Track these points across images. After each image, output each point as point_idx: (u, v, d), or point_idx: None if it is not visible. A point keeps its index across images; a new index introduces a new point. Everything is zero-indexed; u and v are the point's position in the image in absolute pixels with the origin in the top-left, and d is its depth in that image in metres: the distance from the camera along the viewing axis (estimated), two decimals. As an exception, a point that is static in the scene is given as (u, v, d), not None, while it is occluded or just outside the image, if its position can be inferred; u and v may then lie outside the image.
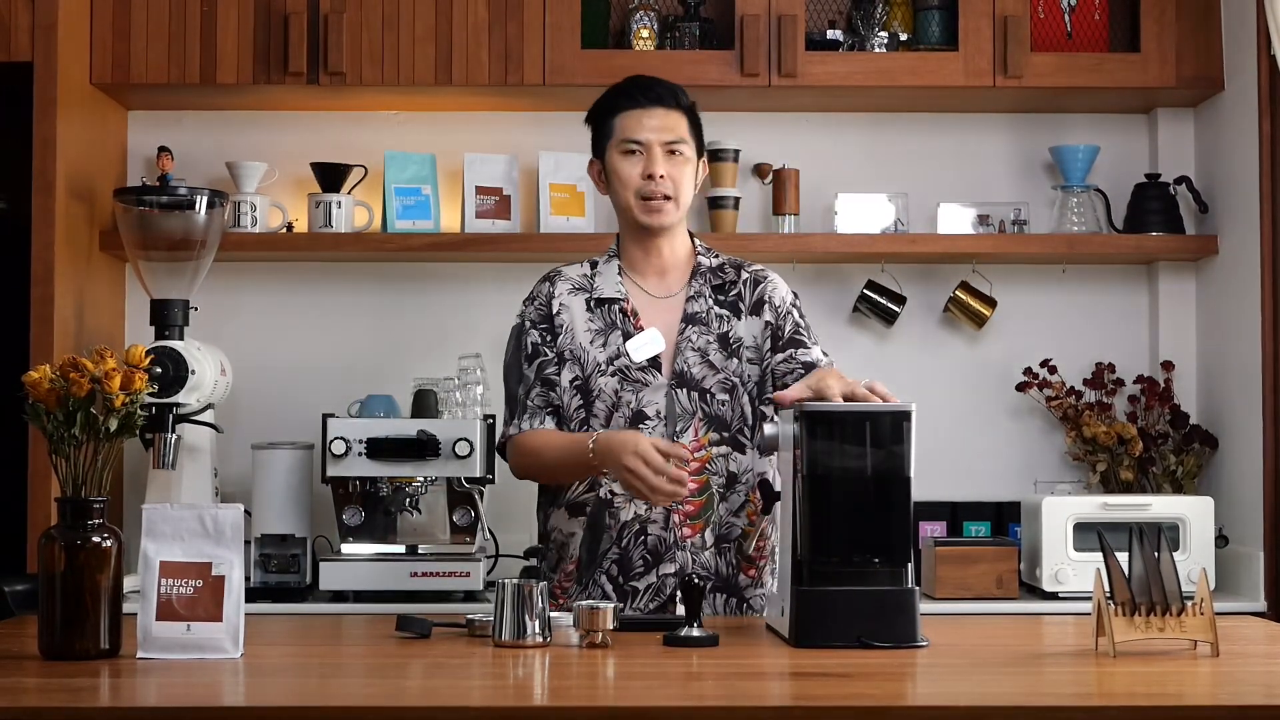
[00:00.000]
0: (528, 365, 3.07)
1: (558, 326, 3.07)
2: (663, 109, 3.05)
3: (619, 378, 3.00)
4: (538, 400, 3.04)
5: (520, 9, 3.96)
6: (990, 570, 3.73)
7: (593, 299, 3.08)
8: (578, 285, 3.11)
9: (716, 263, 3.14)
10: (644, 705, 2.15)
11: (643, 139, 3.04)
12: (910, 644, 2.51)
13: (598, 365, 3.02)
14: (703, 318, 3.06)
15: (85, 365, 2.42)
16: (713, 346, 3.03)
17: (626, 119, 3.07)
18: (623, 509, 2.98)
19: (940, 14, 4.07)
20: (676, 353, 3.02)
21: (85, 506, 2.42)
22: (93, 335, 3.92)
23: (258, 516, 3.83)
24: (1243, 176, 3.92)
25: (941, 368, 4.25)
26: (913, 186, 4.21)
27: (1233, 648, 2.52)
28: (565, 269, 3.15)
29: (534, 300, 3.13)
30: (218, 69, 3.96)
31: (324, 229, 4.06)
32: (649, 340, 3.03)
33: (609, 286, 3.08)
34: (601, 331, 3.05)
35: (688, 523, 2.97)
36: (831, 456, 2.57)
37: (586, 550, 3.01)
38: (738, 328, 3.06)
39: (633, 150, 3.05)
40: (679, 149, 3.05)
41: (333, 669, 2.51)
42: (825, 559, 2.56)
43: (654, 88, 3.08)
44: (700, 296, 3.08)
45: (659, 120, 3.05)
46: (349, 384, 4.12)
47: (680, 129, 3.06)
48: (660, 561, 2.95)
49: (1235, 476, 3.98)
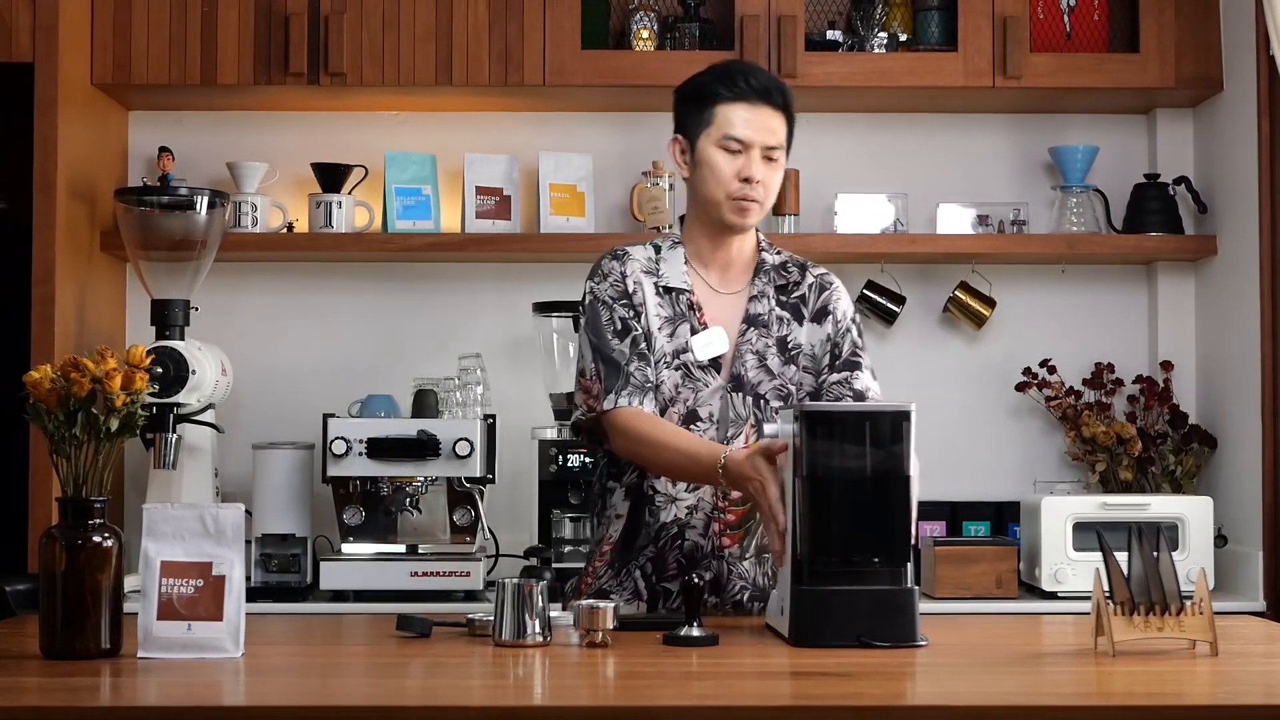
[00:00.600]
0: (619, 340, 2.90)
1: (638, 305, 2.92)
2: (769, 108, 2.88)
3: (682, 373, 2.90)
4: (638, 376, 2.88)
5: (520, 9, 3.96)
6: (990, 570, 3.73)
7: (661, 285, 2.94)
8: (646, 268, 2.96)
9: (779, 260, 3.01)
10: (644, 705, 2.15)
11: (745, 138, 2.87)
12: (910, 644, 2.52)
13: (664, 356, 2.91)
14: (764, 320, 2.94)
15: (86, 365, 2.42)
16: (771, 351, 2.93)
17: (731, 111, 2.87)
18: (663, 509, 2.90)
19: (940, 14, 4.08)
20: (736, 355, 2.92)
21: (86, 506, 2.42)
22: (93, 335, 3.93)
23: (258, 516, 3.83)
24: (1242, 177, 3.92)
25: (941, 368, 4.26)
26: (912, 186, 4.22)
27: (1232, 647, 2.52)
28: (630, 249, 2.99)
29: (607, 277, 2.95)
30: (218, 69, 3.96)
31: (324, 229, 4.07)
32: (714, 339, 2.92)
33: (675, 275, 2.95)
34: (670, 320, 2.92)
35: (727, 532, 2.90)
36: (831, 456, 2.57)
37: (623, 538, 2.94)
38: (798, 334, 2.95)
39: (733, 149, 2.88)
40: (776, 154, 2.89)
41: (333, 669, 2.51)
42: (825, 559, 2.56)
43: (764, 83, 2.89)
44: (763, 297, 2.96)
45: (764, 120, 2.88)
46: (349, 384, 4.12)
47: (781, 133, 2.90)
48: (694, 567, 2.88)
49: (1234, 476, 3.98)
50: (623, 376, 2.88)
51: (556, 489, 3.90)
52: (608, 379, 2.89)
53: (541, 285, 4.16)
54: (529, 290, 4.16)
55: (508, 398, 4.12)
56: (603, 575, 2.95)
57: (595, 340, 2.92)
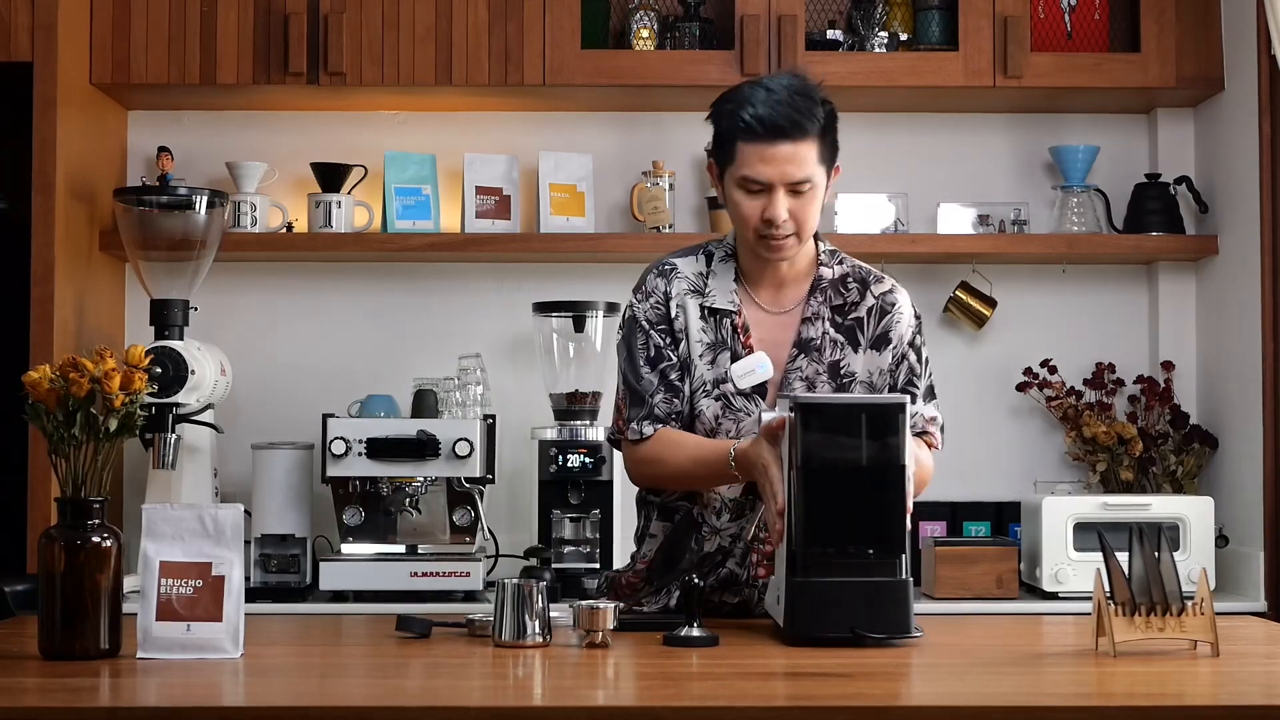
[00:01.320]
0: (649, 368, 2.82)
1: (678, 331, 2.82)
2: (788, 143, 2.70)
3: (722, 403, 2.80)
4: (662, 407, 2.80)
5: (520, 9, 3.95)
6: (990, 570, 3.73)
7: (706, 307, 2.82)
8: (693, 286, 2.83)
9: (839, 273, 2.87)
10: (644, 705, 2.15)
11: (765, 179, 2.71)
12: (903, 635, 2.52)
13: (704, 384, 2.80)
14: (816, 344, 2.81)
15: (85, 365, 2.42)
16: (822, 378, 2.81)
17: (748, 151, 2.71)
18: (708, 540, 2.85)
19: (940, 14, 4.07)
20: (784, 382, 2.80)
21: (85, 506, 2.42)
22: (93, 335, 3.92)
23: (258, 516, 3.83)
24: (1243, 176, 3.92)
25: (941, 368, 4.21)
26: (913, 186, 4.21)
27: (1233, 648, 2.52)
28: (679, 262, 2.86)
29: (650, 297, 2.84)
30: (218, 69, 3.96)
31: (324, 229, 4.07)
32: (756, 366, 2.79)
33: (723, 294, 2.82)
34: (711, 347, 2.81)
35: (764, 563, 2.85)
36: (825, 448, 2.57)
37: (664, 558, 2.90)
38: (853, 361, 2.82)
39: (753, 189, 2.73)
40: (804, 187, 2.73)
41: (333, 669, 2.51)
42: (819, 550, 2.56)
43: (780, 119, 2.69)
44: (818, 319, 2.83)
45: (785, 155, 2.70)
46: (349, 384, 4.12)
47: (808, 163, 2.72)
48: (725, 593, 2.86)
49: (1235, 476, 3.98)
50: (646, 407, 2.81)
51: (556, 489, 3.90)
52: (631, 408, 2.84)
53: (541, 285, 4.16)
54: (529, 290, 4.15)
55: (508, 398, 4.12)
56: (641, 589, 2.91)
57: (626, 365, 2.85)
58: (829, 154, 2.78)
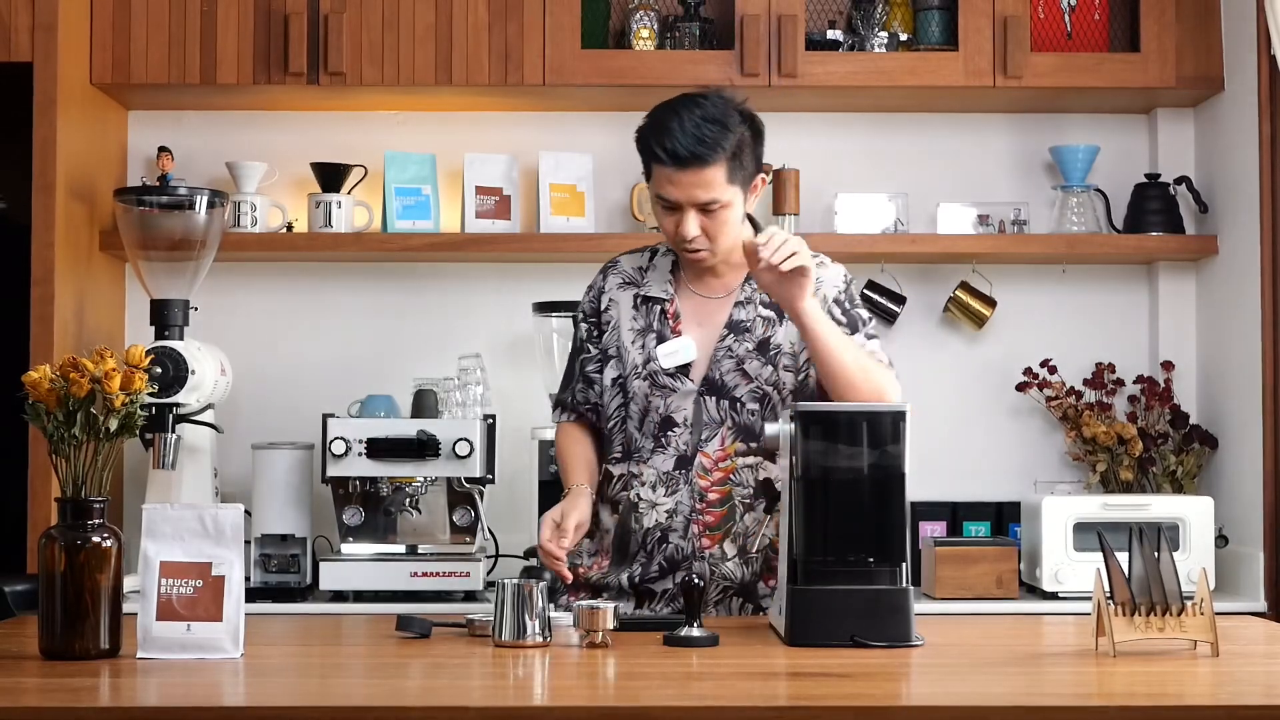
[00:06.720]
0: (574, 358, 3.10)
1: (604, 323, 3.03)
2: (694, 171, 2.83)
3: (649, 382, 2.95)
4: (578, 396, 3.07)
5: (520, 9, 3.96)
6: (990, 570, 3.73)
7: (640, 295, 3.01)
8: (629, 279, 3.04)
9: None
10: (644, 705, 2.15)
11: (675, 200, 2.86)
12: (904, 643, 2.52)
13: (635, 367, 2.97)
14: (746, 324, 2.96)
15: (85, 365, 2.42)
16: (751, 354, 2.94)
17: (659, 173, 2.87)
18: (645, 515, 2.94)
19: (940, 14, 4.07)
20: (713, 360, 2.94)
21: (85, 506, 2.42)
22: (93, 335, 3.92)
23: (258, 516, 3.83)
24: (1243, 176, 3.92)
25: (941, 368, 4.25)
26: (913, 186, 4.21)
27: (1233, 648, 2.52)
28: (623, 259, 3.08)
29: (590, 290, 3.09)
30: (218, 69, 3.96)
31: (324, 229, 4.07)
32: (680, 348, 2.95)
33: (657, 284, 3.01)
34: (642, 332, 2.99)
35: (706, 533, 2.91)
36: (826, 456, 2.57)
37: (616, 548, 2.98)
38: (778, 333, 2.95)
39: (668, 207, 2.88)
40: (714, 207, 2.85)
41: (333, 669, 2.51)
42: (820, 558, 2.56)
43: (684, 149, 2.82)
44: (749, 302, 2.97)
45: (690, 181, 2.83)
46: (349, 384, 4.12)
47: (715, 185, 2.84)
48: (676, 569, 2.91)
49: (1235, 476, 3.98)
50: (567, 393, 3.10)
51: (556, 489, 3.86)
52: (559, 394, 3.13)
53: (541, 285, 4.16)
54: (529, 290, 4.15)
55: (507, 398, 4.12)
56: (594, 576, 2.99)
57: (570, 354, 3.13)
58: (744, 173, 2.89)
